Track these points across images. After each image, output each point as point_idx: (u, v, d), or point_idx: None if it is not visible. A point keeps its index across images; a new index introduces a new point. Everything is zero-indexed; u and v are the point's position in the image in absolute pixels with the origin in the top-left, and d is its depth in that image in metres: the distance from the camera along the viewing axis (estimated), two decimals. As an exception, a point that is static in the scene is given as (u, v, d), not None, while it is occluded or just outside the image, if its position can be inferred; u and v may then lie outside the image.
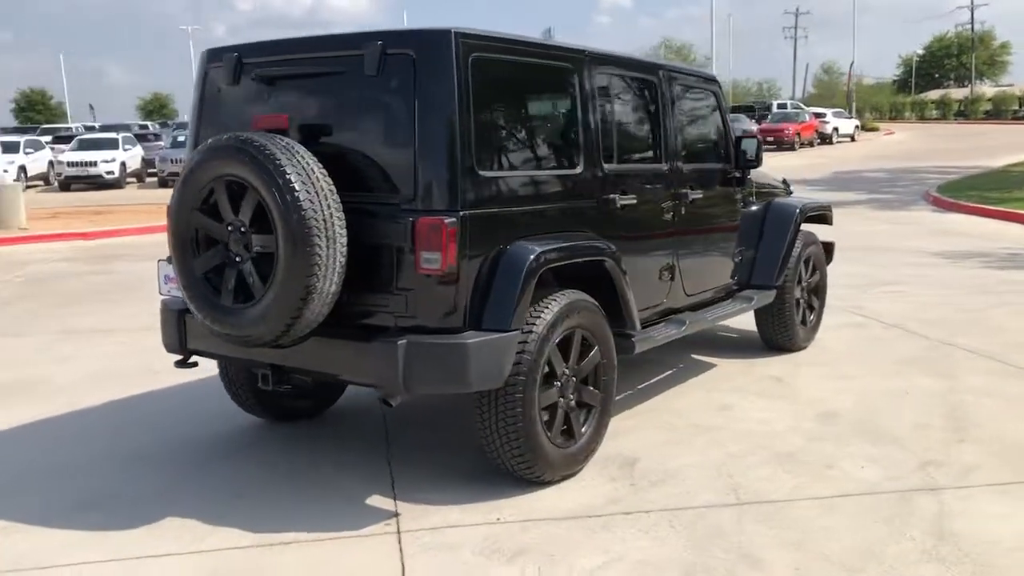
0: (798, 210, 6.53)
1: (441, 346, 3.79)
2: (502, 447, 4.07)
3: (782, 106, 47.97)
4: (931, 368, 6.16)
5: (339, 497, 4.18)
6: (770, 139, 34.73)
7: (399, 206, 3.83)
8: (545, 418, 4.18)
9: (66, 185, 27.59)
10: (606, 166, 4.65)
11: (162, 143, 32.25)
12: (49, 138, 35.22)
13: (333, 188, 3.76)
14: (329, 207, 3.72)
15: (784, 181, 7.24)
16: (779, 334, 6.61)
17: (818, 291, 6.99)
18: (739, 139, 5.85)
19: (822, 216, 7.14)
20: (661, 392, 5.76)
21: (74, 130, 42.47)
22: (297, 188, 3.65)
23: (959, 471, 4.39)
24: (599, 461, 4.58)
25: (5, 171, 25.16)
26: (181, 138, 29.01)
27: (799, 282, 6.66)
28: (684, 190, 5.28)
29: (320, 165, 3.77)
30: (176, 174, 17.71)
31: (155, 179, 28.30)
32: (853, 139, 43.40)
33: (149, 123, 47.65)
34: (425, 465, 4.55)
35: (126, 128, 38.29)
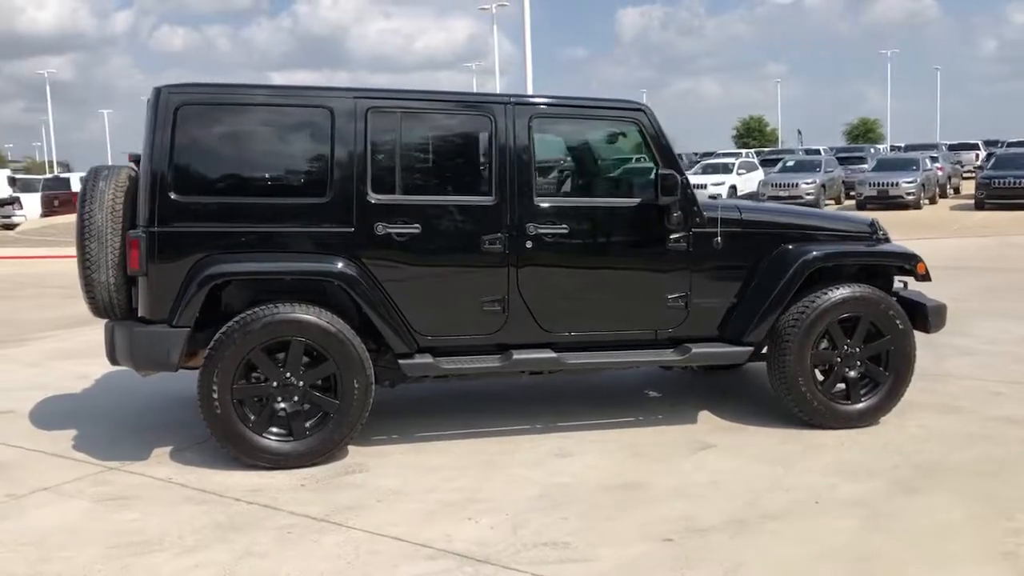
0: (808, 256, 5.47)
1: (121, 330, 4.90)
2: (204, 423, 4.92)
3: None
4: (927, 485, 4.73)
5: (135, 445, 5.38)
6: None
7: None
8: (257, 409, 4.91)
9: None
10: (377, 196, 5.00)
11: (865, 166, 32.00)
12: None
13: (117, 206, 5.09)
14: (105, 220, 5.08)
15: (872, 224, 5.90)
16: (788, 403, 5.59)
17: (888, 362, 5.62)
18: (660, 175, 5.24)
19: (903, 268, 5.74)
20: (551, 432, 5.57)
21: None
22: (85, 204, 5.10)
23: (539, 555, 3.86)
24: (343, 465, 5.02)
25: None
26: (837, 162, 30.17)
27: (833, 348, 5.54)
28: (527, 224, 5.15)
29: (120, 190, 5.12)
30: (874, 198, 24.41)
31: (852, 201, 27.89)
32: None
33: (819, 147, 47.38)
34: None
35: (735, 154, 39.42)
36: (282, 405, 4.93)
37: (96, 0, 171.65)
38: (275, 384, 4.90)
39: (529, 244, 5.17)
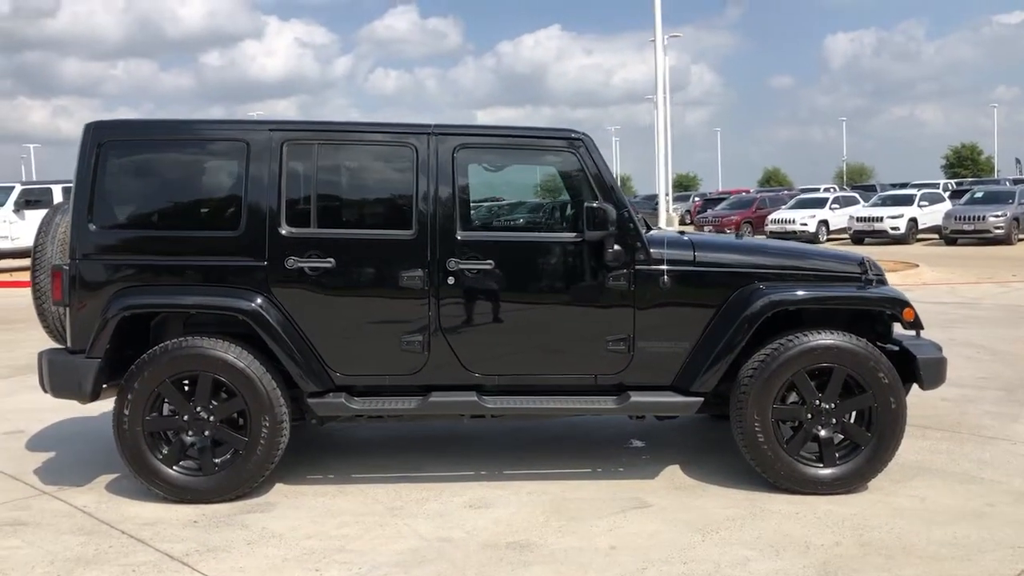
0: (768, 298, 4.89)
1: (41, 360, 5.01)
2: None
3: None
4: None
5: (89, 471, 5.50)
6: None
7: None
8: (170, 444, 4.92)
9: (859, 239, 28.76)
10: (290, 229, 4.90)
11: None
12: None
13: (67, 240, 5.29)
14: (55, 252, 5.28)
15: (862, 263, 5.20)
16: (749, 462, 5.00)
17: (871, 422, 4.92)
18: (588, 208, 4.81)
19: (893, 315, 5.03)
20: (490, 480, 5.24)
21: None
22: (39, 237, 5.33)
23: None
24: (251, 503, 4.92)
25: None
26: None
27: (802, 403, 4.92)
28: (449, 259, 4.88)
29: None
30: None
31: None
32: None
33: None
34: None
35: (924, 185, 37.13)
36: (192, 439, 4.89)
37: (319, 47, 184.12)
38: (185, 418, 4.88)
39: (451, 280, 4.91)
